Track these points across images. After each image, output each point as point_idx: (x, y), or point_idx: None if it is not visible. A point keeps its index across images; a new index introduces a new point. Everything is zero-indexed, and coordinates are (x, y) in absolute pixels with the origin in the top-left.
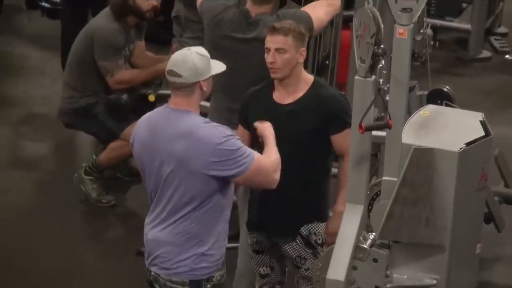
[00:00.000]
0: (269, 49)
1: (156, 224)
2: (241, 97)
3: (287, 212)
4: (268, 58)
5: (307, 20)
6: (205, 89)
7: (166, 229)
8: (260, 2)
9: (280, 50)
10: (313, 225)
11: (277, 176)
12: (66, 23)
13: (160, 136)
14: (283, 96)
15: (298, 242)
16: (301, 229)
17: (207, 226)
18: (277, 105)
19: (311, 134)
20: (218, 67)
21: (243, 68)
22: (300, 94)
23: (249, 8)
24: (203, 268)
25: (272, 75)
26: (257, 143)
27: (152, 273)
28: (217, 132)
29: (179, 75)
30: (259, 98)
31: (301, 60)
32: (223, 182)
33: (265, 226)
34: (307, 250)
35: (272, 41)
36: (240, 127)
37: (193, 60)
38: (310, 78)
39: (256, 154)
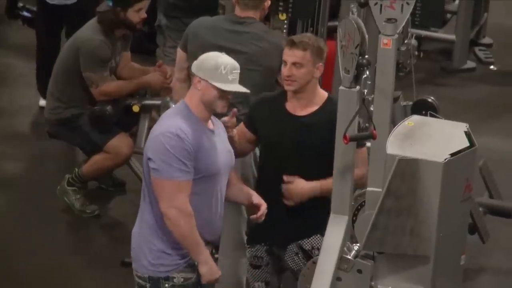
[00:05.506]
0: (286, 62)
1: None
2: None
3: (291, 224)
4: (285, 71)
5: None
6: (198, 88)
7: (137, 220)
8: (246, 7)
9: (297, 64)
10: (316, 239)
11: (174, 219)
12: (40, 36)
13: None
14: (297, 108)
15: (300, 257)
16: (303, 243)
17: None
18: (291, 116)
19: (322, 148)
20: (229, 86)
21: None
22: (315, 108)
23: (236, 13)
24: (160, 265)
25: (286, 87)
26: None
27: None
28: (172, 127)
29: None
30: (271, 107)
31: (318, 75)
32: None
33: (267, 238)
34: None
35: (290, 55)
36: (243, 126)
37: (208, 56)
38: (324, 94)
39: (182, 182)
